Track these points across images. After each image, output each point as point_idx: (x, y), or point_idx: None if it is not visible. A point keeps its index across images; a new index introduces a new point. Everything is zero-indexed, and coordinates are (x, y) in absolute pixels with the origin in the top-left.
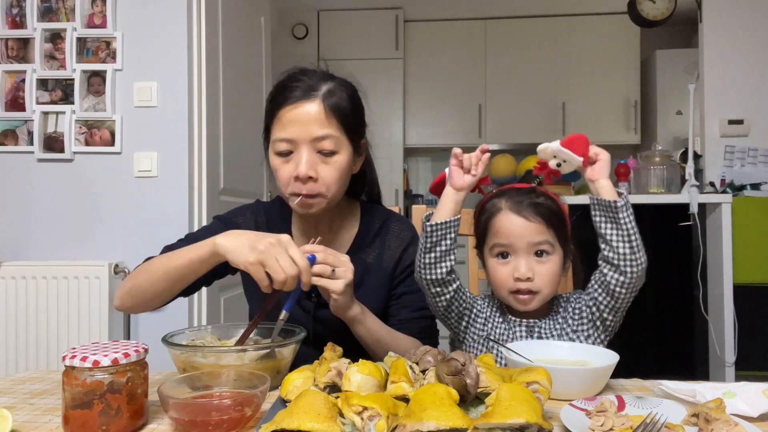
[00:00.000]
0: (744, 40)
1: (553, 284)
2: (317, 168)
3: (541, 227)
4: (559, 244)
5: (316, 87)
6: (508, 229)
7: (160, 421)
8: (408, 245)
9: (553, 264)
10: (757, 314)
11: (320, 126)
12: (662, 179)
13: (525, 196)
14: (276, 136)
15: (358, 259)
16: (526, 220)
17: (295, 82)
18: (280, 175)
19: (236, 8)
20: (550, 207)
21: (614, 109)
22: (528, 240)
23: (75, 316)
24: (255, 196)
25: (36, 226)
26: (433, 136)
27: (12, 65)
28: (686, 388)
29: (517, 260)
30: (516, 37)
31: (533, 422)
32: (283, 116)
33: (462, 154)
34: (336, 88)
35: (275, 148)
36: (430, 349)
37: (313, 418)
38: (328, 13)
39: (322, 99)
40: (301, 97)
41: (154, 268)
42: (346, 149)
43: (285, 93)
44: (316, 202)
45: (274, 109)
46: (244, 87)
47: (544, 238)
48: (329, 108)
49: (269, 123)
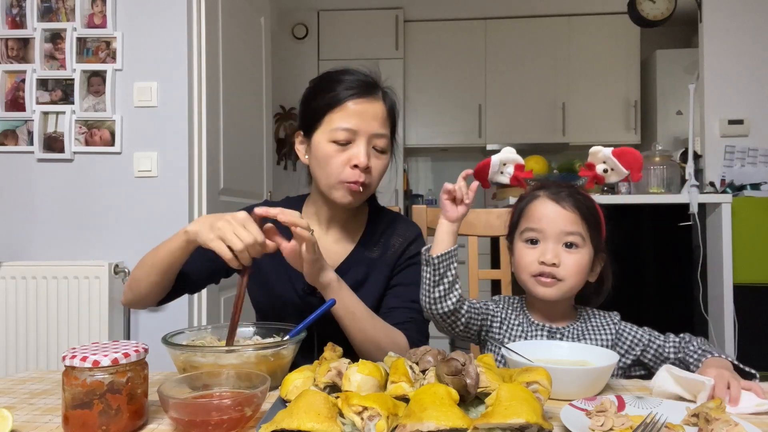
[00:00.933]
0: (744, 40)
1: (579, 277)
2: (371, 160)
3: (575, 217)
4: (590, 242)
5: (376, 86)
6: (543, 214)
7: (160, 421)
8: (411, 242)
9: (581, 257)
10: (757, 314)
11: (380, 124)
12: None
13: (565, 188)
14: (338, 125)
15: (362, 255)
16: (561, 207)
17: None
18: (334, 161)
19: (236, 8)
20: (587, 204)
21: (614, 109)
22: (560, 227)
23: (75, 316)
24: (255, 196)
25: (36, 226)
26: (433, 136)
27: (12, 65)
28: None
29: (546, 245)
30: (516, 37)
31: (533, 422)
32: (348, 106)
33: (454, 188)
34: (387, 90)
35: (334, 135)
36: (430, 349)
37: (313, 418)
38: (328, 13)
39: (383, 98)
40: (366, 92)
41: (145, 261)
42: (390, 150)
43: (348, 84)
44: (364, 191)
45: (339, 99)
46: (244, 87)
47: (576, 229)
48: (389, 109)
49: (326, 111)
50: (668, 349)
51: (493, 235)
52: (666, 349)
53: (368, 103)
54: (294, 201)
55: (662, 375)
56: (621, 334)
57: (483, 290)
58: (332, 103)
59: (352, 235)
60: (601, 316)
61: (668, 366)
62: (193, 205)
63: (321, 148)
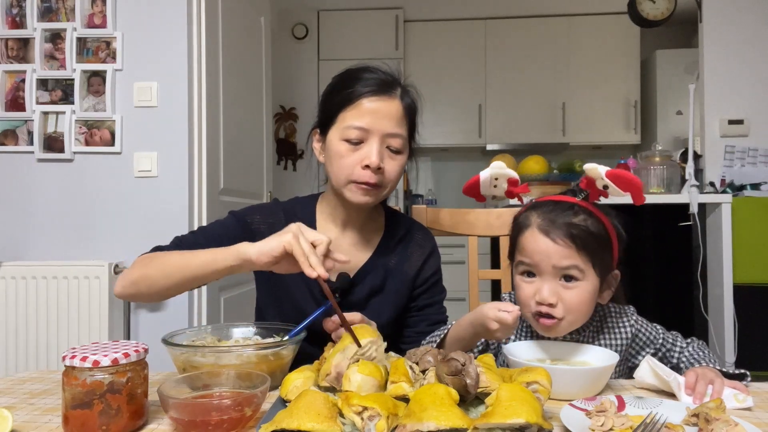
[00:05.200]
0: (744, 40)
1: (581, 311)
2: (384, 161)
3: (569, 251)
4: (594, 269)
5: (395, 84)
6: (533, 249)
7: (160, 421)
8: (429, 255)
9: (582, 291)
10: (757, 314)
11: (395, 124)
12: (662, 179)
13: (561, 213)
14: (350, 123)
15: (380, 263)
16: (552, 242)
17: (372, 73)
18: (345, 161)
19: (236, 8)
20: (587, 228)
21: (614, 109)
22: (553, 263)
23: (75, 316)
24: (255, 196)
25: (36, 226)
26: (433, 136)
27: (12, 65)
28: (668, 371)
29: (542, 282)
30: (516, 37)
31: (533, 422)
32: (362, 105)
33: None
34: (409, 89)
35: (346, 134)
36: (430, 349)
37: (313, 418)
38: (328, 13)
39: (400, 97)
40: (382, 90)
41: (169, 264)
42: (406, 150)
43: (365, 84)
44: (376, 192)
45: (352, 97)
46: (244, 87)
47: (572, 263)
48: (405, 108)
49: (339, 109)
50: (676, 354)
51: (493, 235)
52: (674, 354)
53: (383, 101)
54: (305, 202)
55: (644, 366)
56: (636, 335)
57: (483, 290)
58: (346, 101)
59: (369, 240)
60: (617, 313)
61: (650, 358)
62: (193, 205)
63: (334, 147)
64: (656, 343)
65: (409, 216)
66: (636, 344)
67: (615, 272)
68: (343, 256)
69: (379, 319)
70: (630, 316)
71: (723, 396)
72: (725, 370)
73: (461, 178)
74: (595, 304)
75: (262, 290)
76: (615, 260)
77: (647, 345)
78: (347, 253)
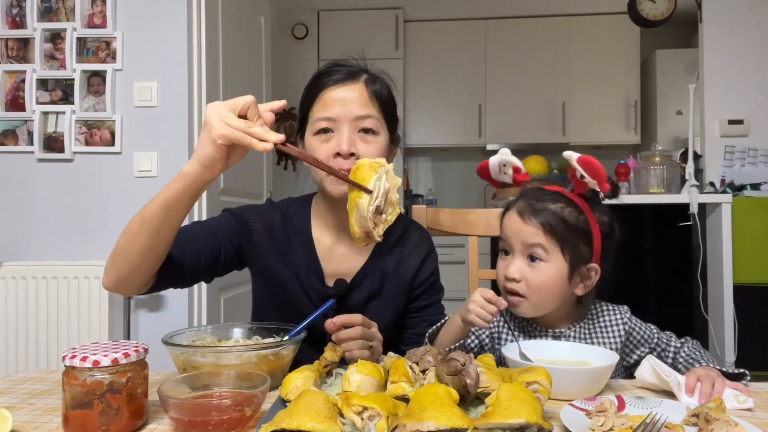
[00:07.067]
0: (744, 40)
1: (544, 294)
2: (357, 146)
3: (535, 230)
4: (562, 254)
5: (358, 73)
6: (507, 226)
7: (160, 421)
8: (426, 256)
9: (544, 272)
10: (757, 314)
11: (362, 106)
12: (662, 179)
13: (540, 199)
14: (318, 116)
15: (377, 267)
16: (521, 220)
17: (337, 67)
18: (318, 155)
19: (236, 8)
20: (559, 214)
21: (614, 109)
22: (522, 239)
23: (75, 316)
24: (255, 196)
25: (36, 226)
26: (433, 136)
27: (12, 65)
28: (668, 371)
29: (513, 259)
30: (516, 37)
31: (533, 422)
32: (324, 96)
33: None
34: (377, 76)
35: (315, 127)
36: (430, 349)
37: (313, 418)
38: (328, 13)
39: (365, 83)
40: (343, 79)
41: (131, 225)
42: (385, 133)
43: (327, 76)
44: None
45: (315, 92)
46: (244, 87)
47: (536, 242)
48: (371, 92)
49: (308, 108)
50: (671, 354)
51: (493, 235)
52: (668, 354)
53: (347, 87)
54: (299, 203)
55: (645, 365)
56: (630, 333)
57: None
58: (312, 98)
59: None
60: (610, 313)
61: (651, 357)
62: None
63: (308, 144)
64: (651, 343)
65: (406, 216)
66: (630, 343)
67: (592, 265)
68: (278, 102)
69: (378, 322)
70: (623, 316)
71: (723, 396)
72: (724, 370)
73: (461, 178)
74: (569, 293)
75: (258, 293)
76: (595, 254)
77: (641, 344)
78: (343, 259)
